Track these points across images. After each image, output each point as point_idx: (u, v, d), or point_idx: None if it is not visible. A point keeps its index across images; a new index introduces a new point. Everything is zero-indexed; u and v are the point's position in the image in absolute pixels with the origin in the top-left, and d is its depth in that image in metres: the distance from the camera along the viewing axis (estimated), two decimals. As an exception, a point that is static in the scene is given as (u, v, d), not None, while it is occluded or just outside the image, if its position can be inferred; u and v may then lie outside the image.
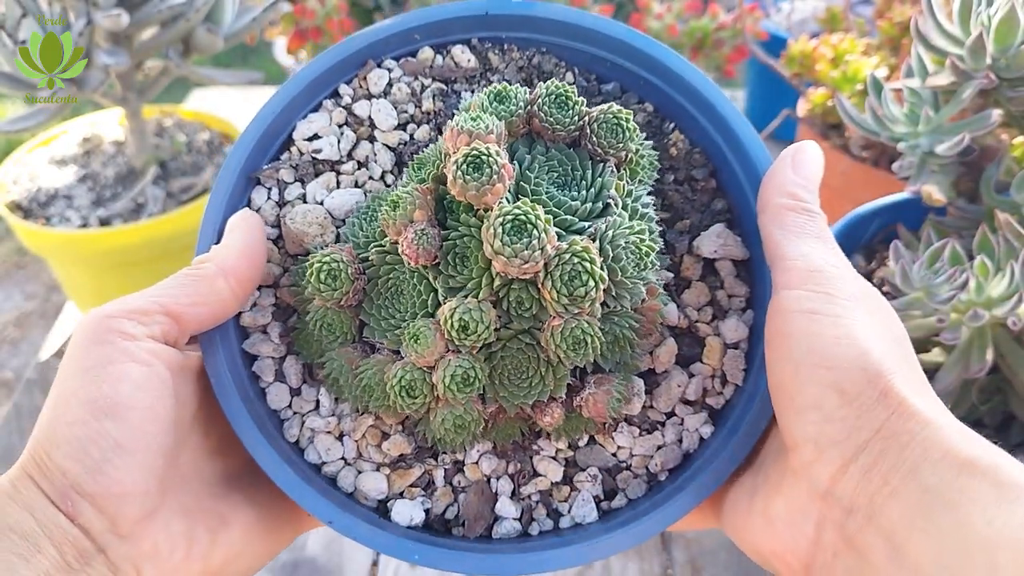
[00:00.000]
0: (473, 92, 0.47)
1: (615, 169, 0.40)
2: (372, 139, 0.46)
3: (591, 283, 0.34)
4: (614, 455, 0.42)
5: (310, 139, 0.46)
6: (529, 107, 0.39)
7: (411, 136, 0.46)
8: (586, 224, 0.37)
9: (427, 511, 0.41)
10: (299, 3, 1.40)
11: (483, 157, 0.34)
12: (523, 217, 0.34)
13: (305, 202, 0.45)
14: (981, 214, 0.71)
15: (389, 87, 0.47)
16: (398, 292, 0.40)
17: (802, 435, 0.35)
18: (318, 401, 0.43)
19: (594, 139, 0.39)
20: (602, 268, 0.35)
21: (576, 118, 0.39)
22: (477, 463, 0.42)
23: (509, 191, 0.36)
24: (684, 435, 0.42)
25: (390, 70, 0.47)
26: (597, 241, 0.36)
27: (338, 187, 0.45)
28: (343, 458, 0.42)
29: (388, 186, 0.45)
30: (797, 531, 0.35)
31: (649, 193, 0.42)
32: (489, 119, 0.37)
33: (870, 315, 0.36)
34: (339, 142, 0.45)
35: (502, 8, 0.46)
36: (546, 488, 0.42)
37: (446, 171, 0.36)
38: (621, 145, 0.39)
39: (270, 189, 0.45)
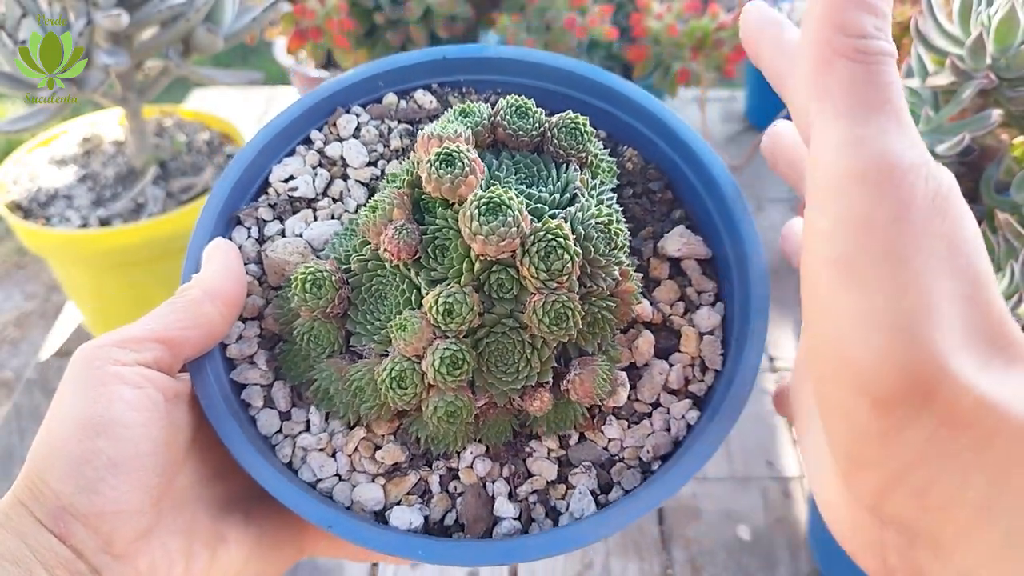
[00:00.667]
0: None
1: (578, 168, 0.42)
2: (345, 177, 0.49)
3: (566, 257, 0.36)
4: (605, 448, 0.43)
5: (286, 180, 0.48)
6: (492, 119, 0.42)
7: (382, 172, 0.49)
8: (557, 212, 0.39)
9: (425, 518, 0.41)
10: (299, 3, 1.40)
11: (455, 153, 0.37)
12: (497, 199, 0.36)
13: (284, 236, 0.46)
14: (981, 214, 0.72)
15: (358, 130, 0.49)
16: (382, 296, 0.41)
17: (834, 444, 0.28)
18: (308, 421, 0.43)
19: (555, 142, 0.42)
20: (576, 245, 0.37)
21: (537, 125, 0.42)
22: (471, 467, 0.42)
23: (480, 187, 0.38)
24: (672, 423, 0.43)
25: (358, 115, 0.50)
26: (569, 223, 0.38)
27: (315, 220, 0.47)
28: (337, 474, 0.42)
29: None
30: (862, 545, 0.29)
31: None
32: (456, 125, 0.40)
33: (927, 252, 0.25)
34: (314, 181, 0.48)
35: (458, 53, 0.50)
36: (542, 487, 0.42)
37: (420, 172, 0.38)
38: (581, 147, 0.42)
39: (250, 228, 0.47)
